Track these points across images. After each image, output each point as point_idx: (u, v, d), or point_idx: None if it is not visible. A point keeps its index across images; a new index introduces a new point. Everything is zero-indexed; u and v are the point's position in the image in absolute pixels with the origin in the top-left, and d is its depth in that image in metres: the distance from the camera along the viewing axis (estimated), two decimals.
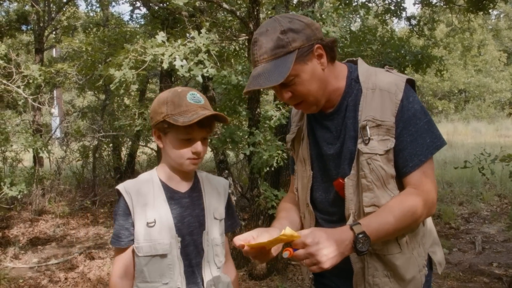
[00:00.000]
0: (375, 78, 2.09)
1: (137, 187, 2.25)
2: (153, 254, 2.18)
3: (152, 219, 2.19)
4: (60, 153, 11.86)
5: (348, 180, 2.06)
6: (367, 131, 2.00)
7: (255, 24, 5.77)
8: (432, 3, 10.01)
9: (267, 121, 5.75)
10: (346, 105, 2.11)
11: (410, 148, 2.01)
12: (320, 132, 2.21)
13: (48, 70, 7.48)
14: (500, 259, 7.11)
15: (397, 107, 2.00)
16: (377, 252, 2.07)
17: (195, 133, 2.17)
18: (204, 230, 2.29)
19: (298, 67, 1.96)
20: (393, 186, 2.03)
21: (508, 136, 22.23)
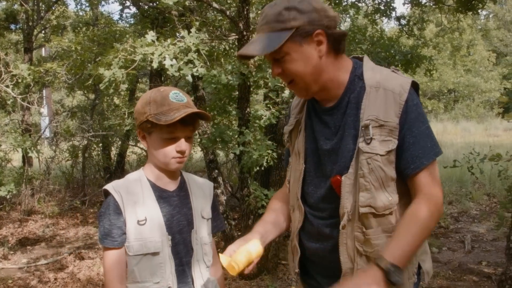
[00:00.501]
0: (380, 77, 2.06)
1: (126, 186, 2.25)
2: (144, 252, 2.17)
3: (143, 217, 2.18)
4: (49, 152, 11.81)
5: (346, 178, 2.03)
6: (369, 131, 1.97)
7: (245, 24, 5.77)
8: (421, 3, 10.04)
9: (257, 120, 5.74)
10: (348, 101, 2.08)
11: (412, 150, 1.98)
12: (319, 127, 2.19)
13: (37, 69, 7.44)
14: (489, 258, 7.15)
15: (401, 108, 1.98)
16: (368, 254, 2.03)
17: (178, 132, 2.18)
18: (193, 229, 2.29)
19: (292, 46, 1.96)
20: (392, 189, 2.00)
21: (497, 135, 22.36)
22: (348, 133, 2.05)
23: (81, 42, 8.14)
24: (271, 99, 6.08)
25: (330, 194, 2.10)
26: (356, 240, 2.03)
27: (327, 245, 2.14)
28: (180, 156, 2.21)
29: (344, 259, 2.07)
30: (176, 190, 2.32)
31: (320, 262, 2.24)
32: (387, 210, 1.99)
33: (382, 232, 2.01)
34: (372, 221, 2.00)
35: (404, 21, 10.42)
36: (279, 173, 7.11)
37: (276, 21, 1.96)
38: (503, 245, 6.84)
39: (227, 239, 7.02)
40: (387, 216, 2.01)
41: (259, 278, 6.48)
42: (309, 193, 2.23)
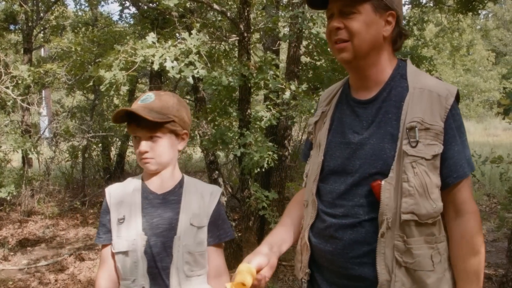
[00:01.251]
0: (425, 80, 2.01)
1: (120, 187, 2.33)
2: (121, 250, 2.22)
3: (122, 215, 2.24)
4: (49, 153, 11.81)
5: (386, 183, 1.91)
6: (415, 133, 1.88)
7: (245, 25, 5.76)
8: (421, 4, 10.05)
9: (258, 122, 5.74)
10: (385, 97, 2.02)
11: (457, 157, 1.92)
12: (349, 119, 2.10)
13: (37, 70, 7.44)
14: (489, 259, 7.14)
15: (446, 112, 1.91)
16: (408, 266, 1.90)
17: (135, 131, 2.23)
18: (176, 235, 2.25)
19: (368, 8, 1.94)
20: (436, 197, 1.90)
21: (497, 135, 22.38)
22: (385, 131, 1.97)
23: (81, 43, 8.14)
24: (272, 100, 6.08)
25: (351, 192, 2.00)
26: (396, 250, 1.91)
27: (337, 248, 2.02)
28: (144, 157, 2.23)
29: (381, 270, 1.92)
30: (165, 193, 2.32)
31: (329, 266, 2.10)
32: (430, 219, 1.90)
33: (425, 242, 1.91)
34: (414, 230, 1.89)
35: (404, 21, 10.40)
36: (279, 174, 7.12)
37: None
38: (504, 246, 6.85)
39: (228, 240, 7.01)
40: (429, 226, 1.91)
41: None
42: (326, 188, 2.12)
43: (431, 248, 1.92)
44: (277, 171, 7.09)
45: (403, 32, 2.06)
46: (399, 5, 2.00)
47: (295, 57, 6.98)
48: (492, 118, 30.05)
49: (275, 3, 6.72)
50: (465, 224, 1.93)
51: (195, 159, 15.66)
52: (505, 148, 16.98)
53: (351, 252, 1.98)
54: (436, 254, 1.93)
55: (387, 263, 1.91)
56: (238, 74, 5.46)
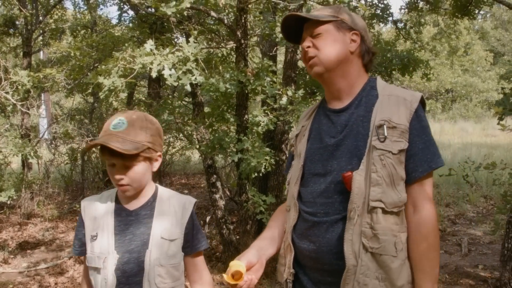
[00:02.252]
0: (393, 88, 2.25)
1: (94, 202, 2.36)
2: (93, 266, 2.26)
3: (95, 232, 2.29)
4: (48, 155, 11.84)
5: (356, 175, 2.09)
6: (384, 130, 2.09)
7: (242, 32, 5.82)
8: (418, 7, 10.09)
9: (255, 127, 5.79)
10: (357, 104, 2.24)
11: (422, 154, 2.10)
12: (325, 126, 2.31)
13: (36, 75, 7.48)
14: (485, 261, 7.19)
15: (411, 114, 2.12)
16: (374, 251, 2.05)
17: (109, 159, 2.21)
18: (147, 249, 2.28)
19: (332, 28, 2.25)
20: (401, 188, 2.09)
21: (495, 135, 22.38)
22: (357, 132, 2.17)
23: (80, 47, 8.18)
24: (269, 105, 6.13)
25: (330, 189, 2.17)
26: (363, 236, 2.06)
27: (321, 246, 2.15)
28: (120, 184, 2.22)
29: (348, 255, 2.06)
30: (137, 209, 2.34)
31: (313, 265, 2.22)
32: (395, 207, 2.07)
33: (389, 230, 2.06)
34: (380, 217, 2.05)
35: (401, 24, 10.46)
36: (277, 178, 7.17)
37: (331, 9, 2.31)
38: (500, 248, 6.90)
39: (226, 243, 7.08)
40: (394, 214, 2.08)
41: (258, 282, 6.52)
42: (306, 190, 2.28)
43: (394, 236, 2.07)
44: (275, 175, 7.14)
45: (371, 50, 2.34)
46: (362, 28, 2.31)
47: (292, 62, 7.03)
48: (490, 119, 30.06)
49: (272, 9, 6.76)
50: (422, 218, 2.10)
51: (193, 161, 15.71)
52: (503, 149, 17.01)
53: (335, 248, 2.12)
54: (398, 242, 2.08)
55: (354, 249, 2.07)
56: (235, 81, 5.52)
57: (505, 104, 4.74)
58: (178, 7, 4.89)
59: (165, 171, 13.50)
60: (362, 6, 6.68)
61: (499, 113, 4.76)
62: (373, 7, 9.16)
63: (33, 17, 10.33)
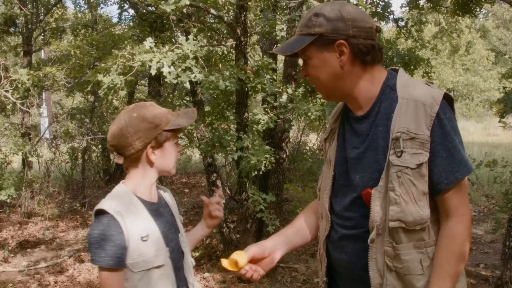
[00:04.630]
0: (412, 89, 2.03)
1: (122, 203, 2.22)
2: (148, 267, 2.19)
3: (145, 233, 2.20)
4: (49, 154, 11.84)
5: (376, 192, 2.00)
6: (400, 143, 1.94)
7: (242, 30, 5.80)
8: (419, 6, 10.07)
9: (255, 125, 5.78)
10: (378, 111, 2.08)
11: (446, 164, 1.95)
12: (348, 135, 2.19)
13: (36, 74, 7.47)
14: (487, 260, 7.17)
15: (432, 120, 1.94)
16: (398, 270, 1.99)
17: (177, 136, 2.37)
18: (179, 232, 2.40)
19: (313, 51, 2.05)
20: (424, 204, 1.95)
21: (496, 134, 22.35)
22: (377, 144, 2.04)
23: (80, 46, 8.18)
24: (269, 103, 6.12)
25: (356, 204, 2.09)
26: (386, 255, 1.99)
27: (350, 257, 2.12)
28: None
29: (374, 274, 2.03)
30: (159, 201, 2.40)
31: (345, 274, 2.21)
32: (418, 225, 1.95)
33: (414, 248, 1.98)
34: (402, 236, 1.96)
35: (402, 23, 10.43)
36: (277, 176, 7.16)
37: (305, 25, 2.06)
38: (501, 247, 6.88)
39: (226, 242, 7.06)
40: (418, 231, 1.97)
41: (258, 281, 6.52)
42: (337, 201, 2.22)
43: (420, 252, 1.98)
44: (275, 174, 7.13)
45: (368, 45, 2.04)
46: (347, 28, 2.00)
47: (292, 60, 7.02)
48: (492, 118, 30.03)
49: (272, 7, 6.75)
50: (452, 225, 1.97)
51: (194, 160, 15.70)
52: (504, 148, 16.99)
53: (362, 260, 2.07)
54: (425, 258, 1.99)
55: (379, 268, 2.02)
56: (235, 78, 5.50)
57: (506, 102, 4.74)
58: (177, 4, 4.88)
59: None
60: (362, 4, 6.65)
61: (500, 110, 4.74)
62: (373, 5, 9.13)
63: (34, 16, 10.32)
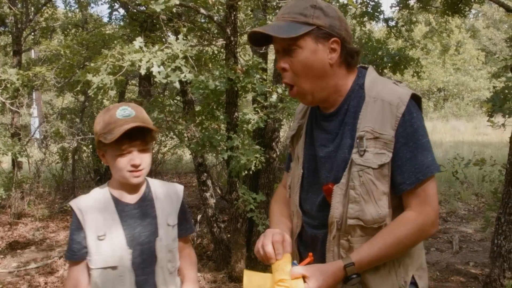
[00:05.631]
0: (380, 88, 2.03)
1: (89, 202, 2.31)
2: (104, 266, 2.24)
3: (102, 232, 2.25)
4: (39, 155, 11.80)
5: (337, 188, 2.00)
6: (363, 142, 1.94)
7: (232, 29, 5.80)
8: (409, 6, 10.10)
9: (245, 124, 5.78)
10: (346, 109, 2.07)
11: (409, 165, 1.94)
12: (317, 132, 2.17)
13: (26, 73, 7.44)
14: (476, 258, 7.22)
15: (397, 121, 1.93)
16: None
17: (126, 147, 2.21)
18: (158, 237, 2.34)
19: (308, 41, 1.97)
20: (383, 203, 1.96)
21: (486, 134, 22.41)
22: (345, 142, 2.03)
23: (70, 45, 8.15)
24: (259, 103, 6.12)
25: (325, 203, 2.07)
26: (341, 247, 2.01)
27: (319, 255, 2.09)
28: (135, 170, 2.25)
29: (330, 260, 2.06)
30: (138, 201, 2.37)
31: None
32: (375, 223, 1.96)
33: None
34: (358, 231, 1.98)
35: (392, 22, 10.46)
36: (267, 176, 7.16)
37: (300, 13, 1.98)
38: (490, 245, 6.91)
39: (216, 242, 7.06)
40: (375, 229, 1.97)
41: None
42: (306, 199, 2.20)
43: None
44: (265, 173, 7.13)
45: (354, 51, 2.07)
46: (341, 28, 2.01)
47: None
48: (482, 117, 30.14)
49: (262, 6, 6.74)
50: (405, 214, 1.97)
51: (185, 160, 15.68)
52: (494, 147, 17.06)
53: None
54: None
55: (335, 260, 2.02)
56: (225, 78, 5.50)
57: (494, 101, 4.76)
58: (167, 4, 4.88)
59: (157, 170, 13.46)
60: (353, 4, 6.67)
61: (489, 110, 4.77)
62: (363, 4, 9.15)
63: (23, 15, 10.28)
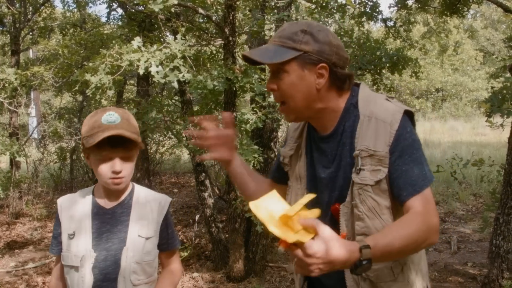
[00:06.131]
0: (374, 106, 2.04)
1: (71, 200, 2.37)
2: (69, 264, 2.28)
3: (72, 231, 2.29)
4: (37, 154, 11.79)
5: (343, 207, 2.02)
6: (359, 161, 1.97)
7: (230, 29, 5.80)
8: (407, 6, 10.10)
9: (244, 124, 5.78)
10: (343, 129, 2.08)
11: (405, 177, 1.94)
12: (316, 154, 2.19)
13: (24, 73, 7.44)
14: (474, 259, 7.22)
15: (392, 137, 1.95)
16: (371, 279, 2.02)
17: (108, 153, 2.20)
18: (125, 246, 2.31)
19: (294, 66, 1.98)
20: (387, 217, 1.97)
21: (485, 134, 22.43)
22: (345, 163, 2.05)
23: (68, 45, 8.14)
24: (258, 103, 6.12)
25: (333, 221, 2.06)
26: None
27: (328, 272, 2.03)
28: (115, 177, 2.23)
29: (350, 283, 2.05)
30: (114, 207, 2.36)
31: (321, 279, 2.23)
32: None
33: None
34: None
35: (391, 23, 10.46)
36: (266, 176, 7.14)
37: (289, 38, 1.99)
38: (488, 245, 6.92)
39: (215, 242, 7.06)
40: None
41: (247, 280, 6.53)
42: None
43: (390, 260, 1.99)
44: (263, 173, 7.07)
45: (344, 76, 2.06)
46: (331, 53, 2.00)
47: None
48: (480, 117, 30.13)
49: (261, 6, 6.74)
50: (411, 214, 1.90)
51: (183, 160, 15.68)
52: (492, 148, 17.07)
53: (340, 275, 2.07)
54: (396, 265, 2.02)
55: (354, 277, 2.04)
56: (223, 78, 5.50)
57: (493, 101, 4.76)
58: (165, 4, 4.87)
59: (155, 170, 13.47)
60: (351, 4, 6.67)
61: (487, 110, 4.77)
62: (362, 4, 9.15)
63: (22, 15, 10.27)
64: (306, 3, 7.44)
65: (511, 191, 5.40)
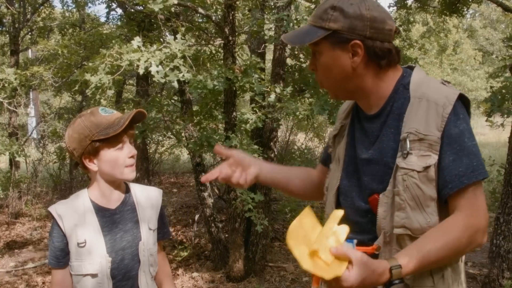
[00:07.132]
0: (426, 88, 1.88)
1: (68, 208, 2.28)
2: (83, 273, 2.23)
3: (82, 239, 2.22)
4: (36, 154, 11.78)
5: (383, 197, 1.86)
6: (406, 144, 1.80)
7: (230, 29, 5.80)
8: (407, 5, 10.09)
9: (243, 124, 5.78)
10: (390, 110, 1.94)
11: (452, 167, 1.77)
12: (359, 133, 2.05)
13: (23, 73, 7.43)
14: (474, 259, 7.22)
15: (444, 121, 1.79)
16: (406, 282, 1.79)
17: (124, 138, 2.22)
18: (141, 241, 2.33)
19: (326, 47, 1.90)
20: (432, 210, 1.80)
21: (484, 134, 22.44)
22: (387, 146, 1.90)
23: (68, 45, 8.14)
24: (257, 102, 6.12)
25: (363, 207, 1.96)
26: None
27: None
28: (133, 163, 2.26)
29: None
30: (119, 206, 2.35)
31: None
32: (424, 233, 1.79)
33: None
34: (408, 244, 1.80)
35: None
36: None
37: (319, 17, 1.89)
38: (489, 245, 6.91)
39: (214, 241, 7.06)
40: None
41: (247, 280, 6.53)
42: (344, 203, 2.07)
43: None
44: None
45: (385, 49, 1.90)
46: (364, 28, 1.85)
47: (280, 60, 7.01)
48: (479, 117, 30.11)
49: (260, 6, 6.74)
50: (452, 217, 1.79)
51: (183, 160, 15.67)
52: (492, 147, 17.06)
53: None
54: (436, 270, 1.84)
55: None
56: (223, 78, 5.50)
57: (493, 101, 4.76)
58: (165, 4, 4.87)
59: (154, 170, 13.46)
60: None
61: (487, 110, 4.77)
62: None
63: (21, 15, 10.27)
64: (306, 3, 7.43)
65: (511, 190, 5.41)
